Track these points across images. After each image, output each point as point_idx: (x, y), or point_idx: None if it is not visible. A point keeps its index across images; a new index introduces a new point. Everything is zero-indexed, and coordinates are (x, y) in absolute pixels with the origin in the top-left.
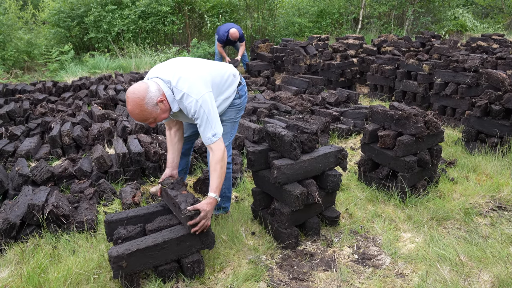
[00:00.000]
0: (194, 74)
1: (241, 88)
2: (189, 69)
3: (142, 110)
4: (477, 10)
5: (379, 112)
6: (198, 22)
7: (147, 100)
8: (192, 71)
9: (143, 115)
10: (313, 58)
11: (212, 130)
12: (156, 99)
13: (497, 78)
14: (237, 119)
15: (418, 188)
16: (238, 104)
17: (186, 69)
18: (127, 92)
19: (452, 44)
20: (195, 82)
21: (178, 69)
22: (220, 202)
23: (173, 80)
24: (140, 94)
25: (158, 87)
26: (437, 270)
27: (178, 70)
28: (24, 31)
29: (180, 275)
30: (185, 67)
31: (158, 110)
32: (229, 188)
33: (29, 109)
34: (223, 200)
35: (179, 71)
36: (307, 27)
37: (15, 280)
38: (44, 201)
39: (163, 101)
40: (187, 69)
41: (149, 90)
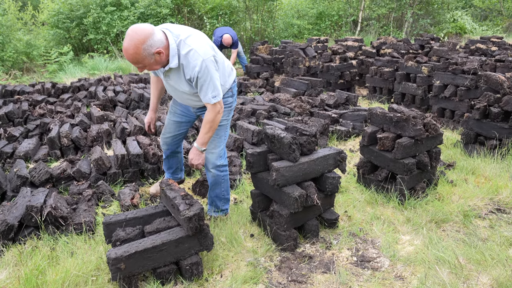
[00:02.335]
0: (204, 39)
1: (234, 86)
2: (200, 34)
3: (136, 52)
4: (476, 12)
5: (378, 114)
6: (197, 23)
7: (146, 46)
8: (202, 36)
9: (135, 57)
10: (312, 60)
11: (214, 91)
12: (155, 49)
13: (496, 81)
14: (228, 120)
15: (417, 190)
16: (230, 103)
17: (197, 32)
18: (130, 28)
19: (451, 46)
20: (204, 44)
21: (190, 29)
22: (220, 204)
23: (182, 34)
24: (142, 37)
25: (163, 38)
26: (436, 272)
27: (189, 30)
28: (23, 32)
29: (178, 277)
30: (197, 32)
31: (152, 60)
32: (227, 190)
33: (28, 110)
34: (222, 202)
35: (191, 31)
36: (306, 29)
37: (13, 282)
38: (42, 202)
39: (161, 54)
40: (198, 33)
41: (152, 37)
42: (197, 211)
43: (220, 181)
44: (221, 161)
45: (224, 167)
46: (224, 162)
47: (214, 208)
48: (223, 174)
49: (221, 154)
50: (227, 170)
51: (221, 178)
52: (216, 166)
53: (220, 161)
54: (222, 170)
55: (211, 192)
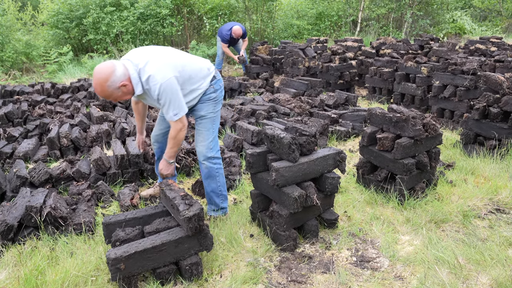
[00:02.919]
0: (163, 59)
1: (215, 82)
2: (159, 55)
3: (103, 90)
4: (476, 13)
5: (377, 114)
6: (197, 24)
7: (110, 82)
8: (162, 56)
9: (104, 94)
10: (311, 60)
11: (175, 110)
12: (119, 83)
13: (495, 81)
14: (216, 113)
15: (416, 190)
16: (214, 97)
17: (156, 54)
18: (94, 69)
19: (450, 46)
20: (162, 66)
21: (149, 53)
22: (218, 201)
23: (141, 63)
24: (105, 75)
25: (124, 71)
26: (436, 272)
27: (148, 54)
28: (23, 32)
29: (178, 277)
30: (157, 52)
31: (120, 93)
32: (224, 186)
33: (27, 110)
34: (220, 199)
35: (149, 55)
36: (305, 30)
37: (13, 282)
38: (42, 203)
39: (126, 86)
40: (157, 54)
41: (114, 73)
42: (197, 211)
43: (214, 174)
44: (212, 152)
45: (217, 160)
46: (216, 154)
47: (214, 206)
48: (216, 167)
49: (211, 146)
50: (221, 164)
51: (215, 171)
52: (207, 158)
53: (211, 152)
54: (214, 162)
55: (207, 187)
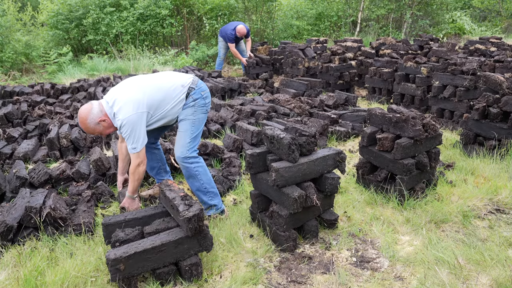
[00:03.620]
0: (127, 97)
1: (194, 93)
2: (126, 92)
3: (86, 127)
4: (475, 13)
5: (377, 114)
6: (196, 24)
7: (89, 120)
8: (128, 93)
9: (88, 130)
10: (311, 60)
11: (133, 144)
12: (97, 119)
13: (495, 81)
14: (195, 116)
15: (416, 191)
16: (193, 105)
17: (123, 92)
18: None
19: (450, 47)
20: (125, 105)
21: (118, 91)
22: (206, 199)
23: (110, 101)
24: (84, 115)
25: (101, 108)
26: (436, 273)
27: (117, 92)
28: (23, 33)
29: (178, 278)
30: (125, 89)
31: (101, 128)
32: (209, 183)
33: (27, 111)
34: (208, 196)
35: (117, 93)
36: (305, 30)
37: (12, 283)
38: (41, 203)
39: (105, 120)
40: (124, 92)
41: (91, 112)
42: (197, 211)
43: (193, 173)
44: (186, 153)
45: (193, 159)
46: (192, 154)
47: (205, 205)
48: (193, 166)
49: (187, 147)
50: (200, 162)
51: (193, 171)
52: (182, 159)
53: (186, 153)
54: (191, 162)
55: (191, 187)
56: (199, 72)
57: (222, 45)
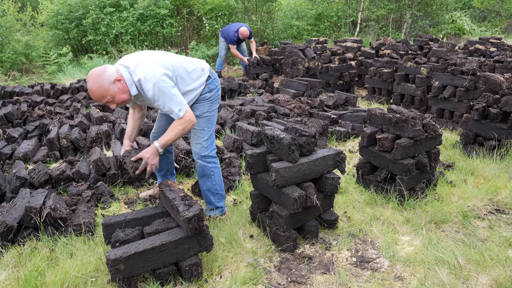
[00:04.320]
0: (152, 60)
1: (210, 82)
2: (149, 57)
3: (99, 86)
4: (475, 13)
5: (377, 115)
6: (196, 24)
7: (104, 77)
8: (151, 58)
9: (100, 91)
10: (311, 61)
11: (177, 106)
12: (113, 78)
13: (494, 81)
14: (211, 112)
15: (416, 191)
16: (209, 97)
17: (145, 57)
18: (88, 73)
19: (450, 47)
20: (152, 66)
21: (138, 57)
22: (214, 200)
23: (131, 65)
24: (98, 71)
25: (116, 69)
26: (436, 273)
27: (138, 58)
28: (23, 33)
29: (178, 278)
30: (146, 55)
31: (116, 89)
32: (220, 185)
33: (27, 111)
34: (216, 198)
35: (139, 58)
36: (305, 30)
37: (12, 283)
38: (41, 203)
39: (120, 81)
40: (146, 57)
41: (107, 70)
42: (197, 212)
43: (209, 173)
44: (206, 151)
45: (212, 159)
46: (211, 153)
47: (210, 205)
48: (210, 166)
49: (206, 145)
50: (217, 163)
51: (209, 170)
52: (201, 157)
53: (206, 151)
54: (209, 161)
55: (202, 186)
56: None
57: (223, 46)
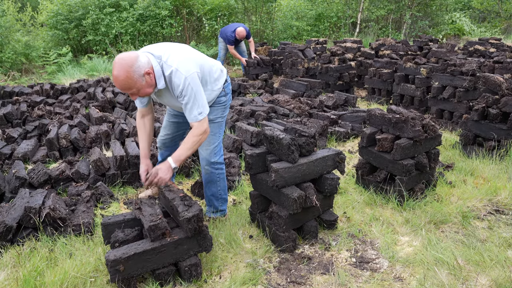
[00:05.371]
0: (185, 54)
1: (226, 86)
2: (180, 49)
3: (128, 77)
4: (474, 14)
5: (377, 115)
6: (196, 25)
7: (135, 68)
8: (183, 51)
9: (128, 82)
10: (311, 61)
11: (199, 108)
12: (144, 70)
13: (494, 82)
14: (223, 118)
15: (416, 191)
16: (224, 102)
17: (177, 48)
18: (116, 57)
19: (449, 48)
20: (185, 60)
21: (169, 47)
22: (217, 204)
23: (164, 55)
24: (129, 61)
25: (148, 60)
26: (435, 273)
27: (169, 48)
28: (22, 33)
29: (177, 278)
30: (177, 47)
31: (144, 82)
32: (224, 190)
33: (27, 111)
34: (219, 202)
35: (171, 49)
36: (305, 31)
37: (11, 283)
38: (41, 204)
39: (150, 74)
40: (178, 49)
41: (139, 59)
42: (196, 212)
43: (215, 179)
44: (215, 158)
45: (219, 165)
46: (220, 159)
47: (212, 209)
48: (217, 172)
49: (215, 151)
50: (223, 168)
51: (216, 176)
52: (210, 163)
53: (215, 158)
54: (217, 167)
55: (207, 190)
56: None
57: (222, 46)
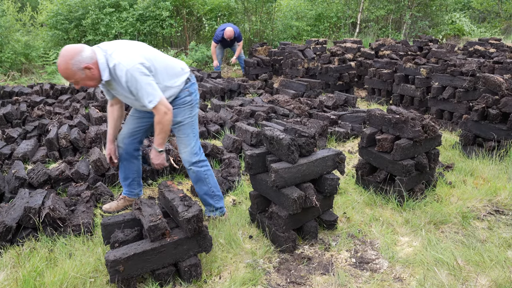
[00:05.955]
0: (131, 48)
1: (191, 85)
2: (129, 44)
3: (67, 67)
4: (474, 14)
5: (377, 115)
6: (196, 25)
7: (74, 61)
8: (131, 46)
9: (67, 72)
10: (311, 61)
11: (149, 97)
12: (83, 64)
13: (494, 82)
14: (193, 117)
15: (415, 192)
16: (190, 101)
17: (128, 44)
18: (63, 48)
19: (449, 48)
20: (129, 53)
21: (121, 43)
22: (213, 202)
23: (110, 49)
24: (72, 53)
25: (92, 55)
26: (435, 274)
27: (120, 43)
28: (22, 33)
29: (177, 278)
30: (126, 43)
31: (83, 75)
32: (216, 187)
33: (26, 111)
34: (215, 200)
35: (120, 44)
36: (305, 31)
37: (11, 283)
38: (40, 204)
39: (91, 69)
40: (129, 44)
41: (81, 54)
42: (196, 212)
43: (202, 177)
44: (196, 157)
45: (203, 163)
46: (201, 157)
47: (210, 208)
48: (203, 170)
49: (193, 151)
50: (208, 165)
51: (203, 174)
52: (192, 163)
53: (195, 157)
54: (201, 165)
55: (199, 190)
56: (199, 72)
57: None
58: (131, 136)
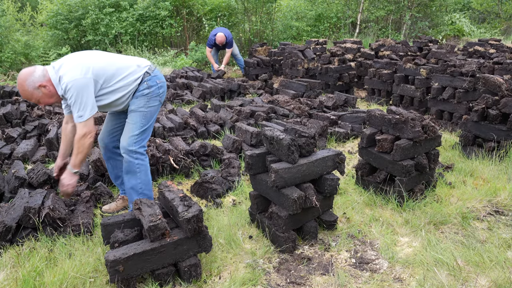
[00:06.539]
0: (76, 61)
1: (149, 79)
2: (75, 57)
3: (24, 89)
4: (474, 15)
5: (376, 116)
6: (196, 25)
7: (28, 82)
8: (77, 58)
9: (25, 94)
10: (311, 62)
11: (80, 112)
12: (37, 83)
13: (494, 83)
14: (147, 108)
15: (415, 192)
16: (147, 93)
17: (72, 57)
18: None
19: (449, 48)
20: (73, 68)
21: (67, 58)
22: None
23: (57, 65)
24: (25, 76)
25: (44, 73)
26: (435, 274)
27: (66, 58)
28: (22, 33)
29: (177, 279)
30: (75, 56)
31: (40, 94)
32: (146, 185)
33: (26, 111)
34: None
35: (66, 59)
36: (305, 31)
37: (11, 283)
38: (40, 204)
39: (46, 87)
40: (73, 57)
41: (33, 74)
42: (196, 212)
43: (134, 169)
44: (134, 146)
45: (139, 155)
46: (139, 150)
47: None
48: (137, 162)
49: (135, 140)
50: (145, 161)
51: (135, 167)
52: (128, 151)
53: (134, 146)
54: (136, 157)
55: (126, 182)
56: (199, 73)
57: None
58: (110, 134)
